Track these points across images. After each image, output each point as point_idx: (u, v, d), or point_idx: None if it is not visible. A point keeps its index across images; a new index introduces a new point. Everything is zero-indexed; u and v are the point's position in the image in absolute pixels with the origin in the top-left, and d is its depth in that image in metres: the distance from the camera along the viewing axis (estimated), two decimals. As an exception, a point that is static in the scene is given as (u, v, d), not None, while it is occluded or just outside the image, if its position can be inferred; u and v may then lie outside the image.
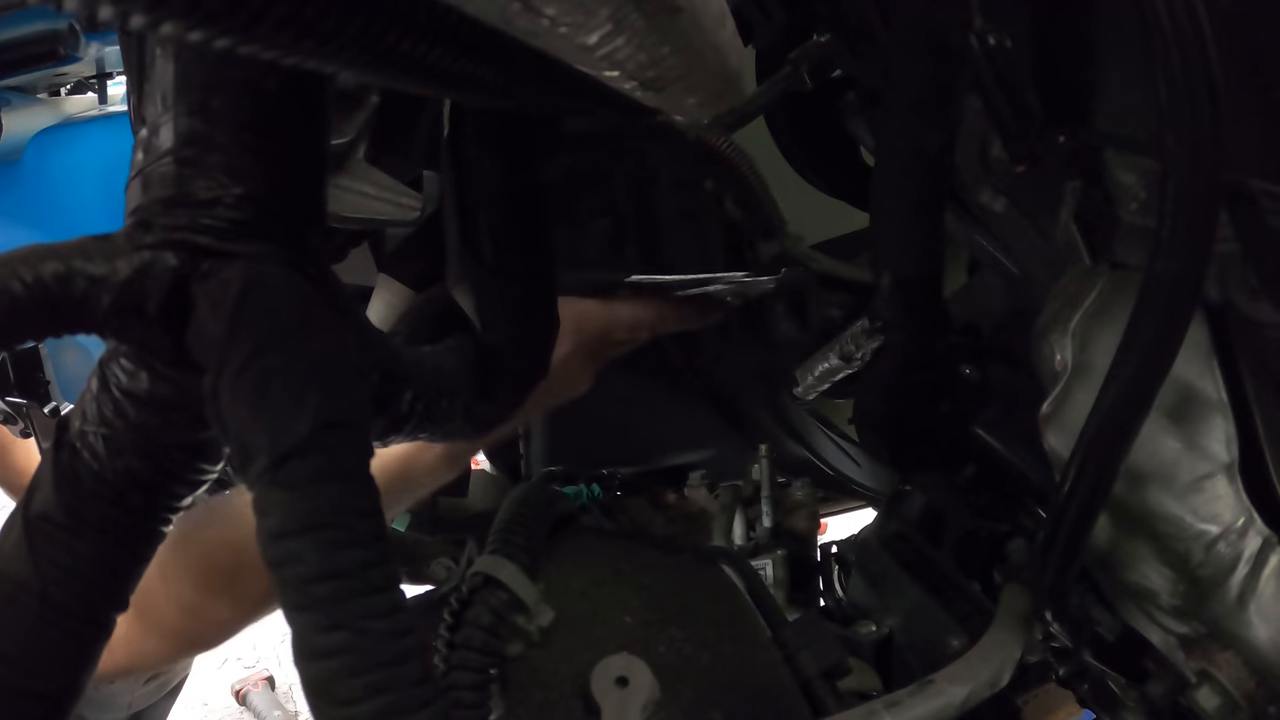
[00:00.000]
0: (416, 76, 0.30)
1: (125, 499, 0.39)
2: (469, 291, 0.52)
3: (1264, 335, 0.47)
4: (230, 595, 0.73)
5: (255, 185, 0.36)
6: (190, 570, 0.72)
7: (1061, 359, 0.53)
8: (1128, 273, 0.52)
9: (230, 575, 0.72)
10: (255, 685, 2.38)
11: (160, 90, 0.37)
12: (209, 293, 0.35)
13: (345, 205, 0.58)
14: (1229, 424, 0.47)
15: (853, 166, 0.83)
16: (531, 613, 0.42)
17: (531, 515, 0.48)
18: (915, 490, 0.69)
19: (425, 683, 0.33)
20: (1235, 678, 0.46)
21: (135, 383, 0.38)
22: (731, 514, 0.82)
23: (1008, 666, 0.49)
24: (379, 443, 0.45)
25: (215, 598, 0.73)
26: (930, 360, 0.65)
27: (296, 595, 0.32)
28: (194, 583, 0.72)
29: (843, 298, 0.79)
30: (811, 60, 0.64)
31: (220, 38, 0.23)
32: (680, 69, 0.33)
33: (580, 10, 0.25)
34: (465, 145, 0.50)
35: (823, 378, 0.70)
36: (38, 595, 0.38)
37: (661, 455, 1.02)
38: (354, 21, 0.25)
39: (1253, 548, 0.46)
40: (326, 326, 0.37)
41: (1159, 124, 0.39)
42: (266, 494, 0.33)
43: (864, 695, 0.53)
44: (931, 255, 0.61)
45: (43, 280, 0.35)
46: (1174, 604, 0.49)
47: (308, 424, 0.33)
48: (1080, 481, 0.45)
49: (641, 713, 0.40)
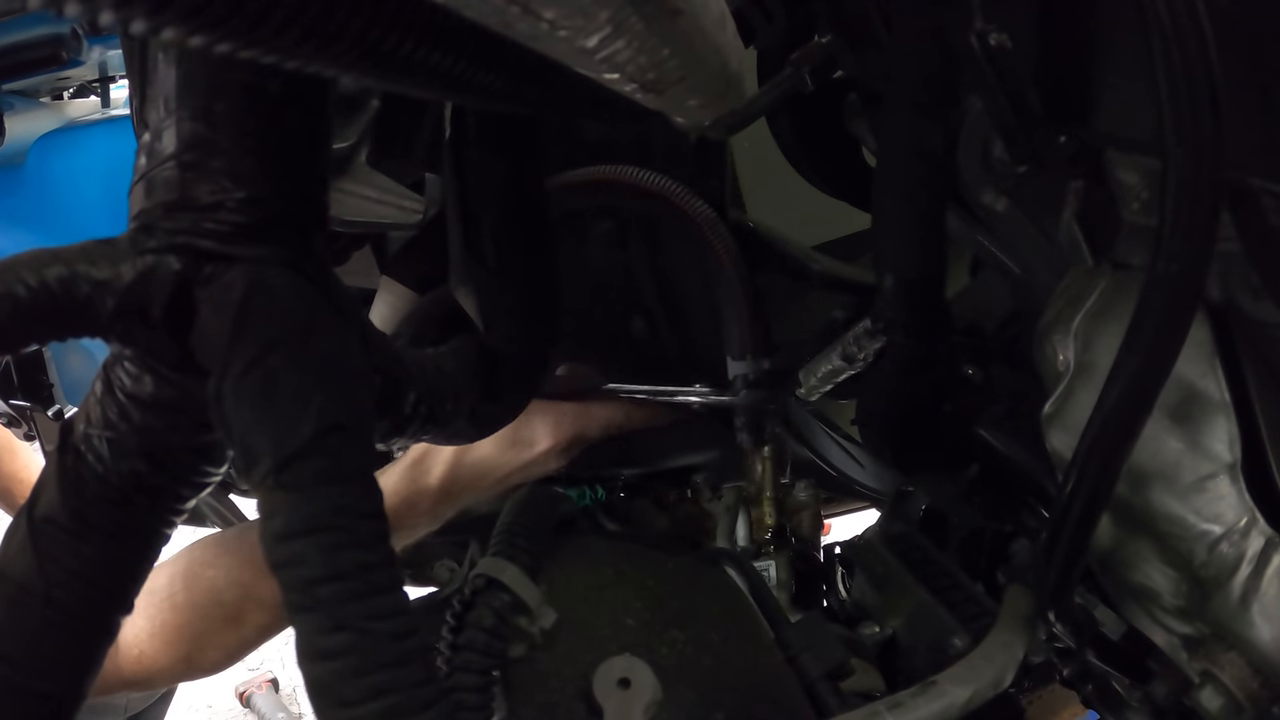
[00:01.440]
0: (417, 80, 0.30)
1: (130, 502, 0.39)
2: (471, 293, 0.52)
3: (1267, 335, 0.47)
4: (237, 625, 0.77)
5: (258, 189, 0.37)
6: (197, 606, 0.75)
7: (1064, 359, 0.53)
8: (1130, 272, 0.51)
9: (238, 608, 0.75)
10: (259, 687, 2.38)
11: (163, 95, 0.37)
12: (212, 296, 0.36)
13: (347, 209, 0.58)
14: (1231, 424, 0.47)
15: (855, 167, 0.83)
16: (534, 614, 0.42)
17: (534, 517, 0.48)
18: (918, 491, 0.69)
19: (428, 684, 0.33)
20: (1238, 678, 0.46)
21: (139, 386, 0.38)
22: (735, 515, 0.82)
23: (1011, 667, 0.49)
24: (383, 445, 0.46)
25: (221, 629, 0.76)
26: (933, 361, 0.65)
27: (300, 597, 0.32)
28: (202, 616, 0.75)
29: (846, 299, 0.79)
30: (813, 61, 0.64)
31: (222, 42, 0.23)
32: (681, 71, 0.33)
33: (580, 14, 0.25)
34: (467, 147, 0.50)
35: (826, 379, 0.70)
36: (42, 597, 0.38)
37: (664, 457, 1.02)
38: (354, 25, 0.26)
39: (1256, 548, 0.46)
40: (329, 329, 0.37)
41: (1159, 123, 0.39)
42: (270, 496, 0.33)
43: (868, 696, 0.53)
44: (934, 256, 0.61)
45: (47, 284, 0.35)
46: (1177, 604, 0.49)
47: (311, 427, 0.33)
48: (1082, 482, 0.44)
49: (644, 714, 0.40)
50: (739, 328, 0.75)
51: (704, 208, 0.75)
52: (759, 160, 0.87)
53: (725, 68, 0.37)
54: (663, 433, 0.99)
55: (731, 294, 0.75)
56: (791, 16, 0.69)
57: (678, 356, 0.91)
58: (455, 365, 0.49)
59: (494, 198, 0.50)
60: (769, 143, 0.84)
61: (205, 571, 0.76)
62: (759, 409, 0.76)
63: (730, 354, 0.77)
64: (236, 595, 0.75)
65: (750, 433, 0.77)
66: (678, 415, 0.86)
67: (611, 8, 0.25)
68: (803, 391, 0.71)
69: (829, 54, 0.62)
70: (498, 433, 0.54)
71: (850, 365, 0.66)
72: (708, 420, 0.90)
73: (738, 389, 0.76)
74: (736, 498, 0.83)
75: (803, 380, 0.71)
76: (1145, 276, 0.41)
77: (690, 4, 0.30)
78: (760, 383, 0.76)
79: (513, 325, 0.52)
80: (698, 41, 0.32)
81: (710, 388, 0.81)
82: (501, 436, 0.78)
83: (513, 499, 0.50)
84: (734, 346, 0.76)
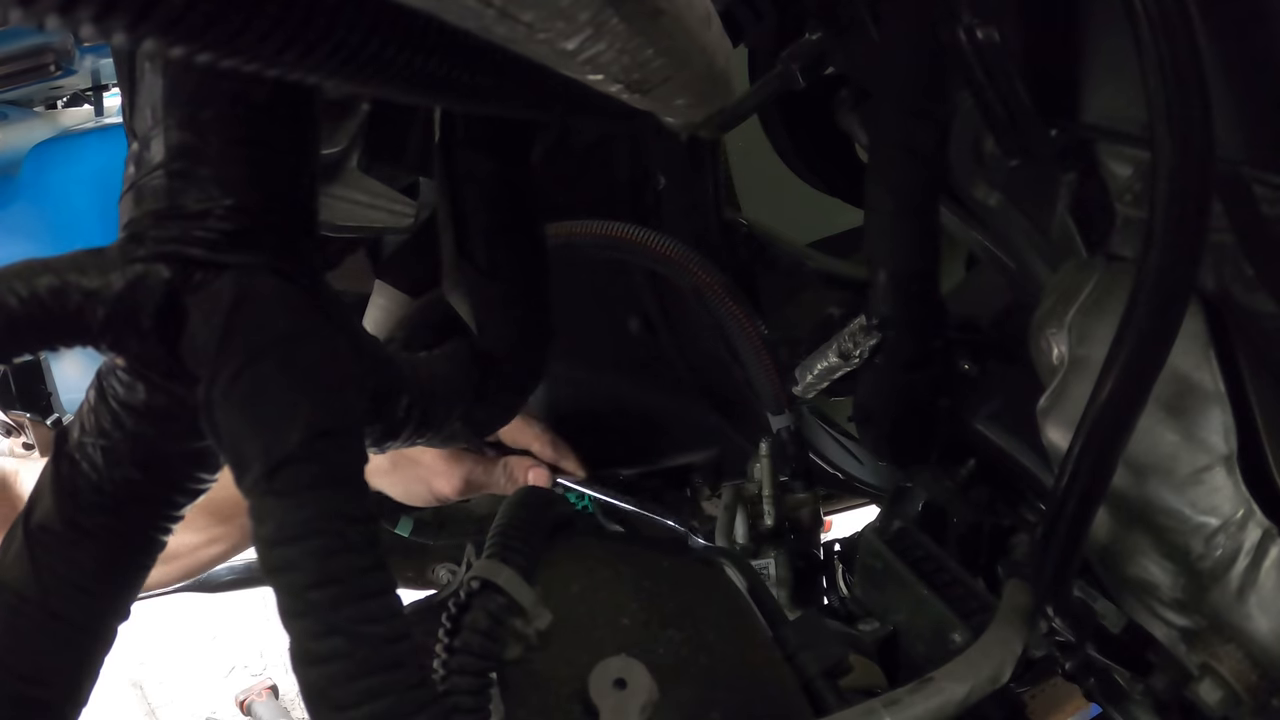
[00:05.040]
0: (401, 85, 0.30)
1: (124, 509, 0.39)
2: (464, 296, 0.52)
3: (1261, 326, 0.47)
4: (235, 523, 0.84)
5: (246, 196, 0.37)
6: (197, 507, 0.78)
7: (1059, 352, 0.53)
8: (1124, 265, 0.51)
9: (236, 505, 0.78)
10: (260, 695, 2.38)
11: (150, 104, 0.37)
12: (201, 304, 0.36)
13: (339, 214, 0.58)
14: (1227, 415, 0.47)
15: (847, 163, 0.83)
16: (529, 616, 0.42)
17: (529, 518, 0.48)
18: (916, 487, 0.69)
19: (422, 686, 0.33)
20: (1237, 670, 0.45)
21: (132, 394, 0.38)
22: (733, 513, 0.81)
23: (1009, 662, 0.49)
24: (376, 449, 0.46)
25: (219, 527, 0.79)
26: (928, 356, 0.65)
27: (292, 602, 0.32)
28: (205, 512, 0.79)
29: (842, 295, 0.79)
30: (803, 58, 0.64)
31: (203, 52, 0.23)
32: (666, 71, 0.33)
33: (558, 16, 0.25)
34: (456, 150, 0.50)
35: (822, 376, 0.70)
36: (39, 605, 0.39)
37: (662, 455, 1.02)
38: (335, 32, 0.26)
39: (1253, 539, 0.46)
40: (318, 335, 0.37)
41: (1149, 115, 0.38)
42: (261, 502, 0.33)
43: (869, 692, 0.52)
44: (927, 251, 0.61)
45: (38, 294, 0.35)
46: (1175, 597, 0.49)
47: (300, 432, 0.33)
48: (1078, 475, 0.44)
49: (640, 714, 0.40)
50: (770, 385, 0.79)
51: (720, 275, 0.78)
52: (753, 158, 0.87)
53: (712, 66, 0.37)
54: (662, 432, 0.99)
55: (757, 354, 0.79)
56: (781, 14, 0.69)
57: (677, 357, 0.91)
58: (448, 369, 0.49)
59: (485, 200, 0.50)
60: (762, 140, 0.84)
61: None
62: (800, 456, 0.80)
63: (769, 410, 0.81)
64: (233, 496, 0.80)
65: (803, 478, 0.81)
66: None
67: (591, 9, 0.25)
68: (799, 389, 0.71)
69: (819, 51, 0.62)
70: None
71: (846, 362, 0.66)
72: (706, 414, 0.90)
73: (782, 440, 0.80)
74: (735, 496, 0.83)
75: (799, 378, 0.71)
76: (1136, 269, 0.41)
77: (673, 3, 0.30)
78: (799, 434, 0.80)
79: (505, 328, 0.52)
80: (682, 41, 0.32)
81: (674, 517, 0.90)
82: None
83: (508, 500, 0.50)
84: (770, 403, 0.80)
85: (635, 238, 0.79)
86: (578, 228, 0.80)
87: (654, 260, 0.79)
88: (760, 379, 0.80)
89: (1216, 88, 0.38)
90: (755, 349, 0.79)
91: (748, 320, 0.78)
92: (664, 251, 0.78)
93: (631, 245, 0.79)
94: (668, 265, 0.79)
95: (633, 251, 0.79)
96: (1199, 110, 0.38)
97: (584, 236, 0.80)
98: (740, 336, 0.79)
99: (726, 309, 0.78)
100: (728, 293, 0.78)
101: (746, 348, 0.79)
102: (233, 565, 1.21)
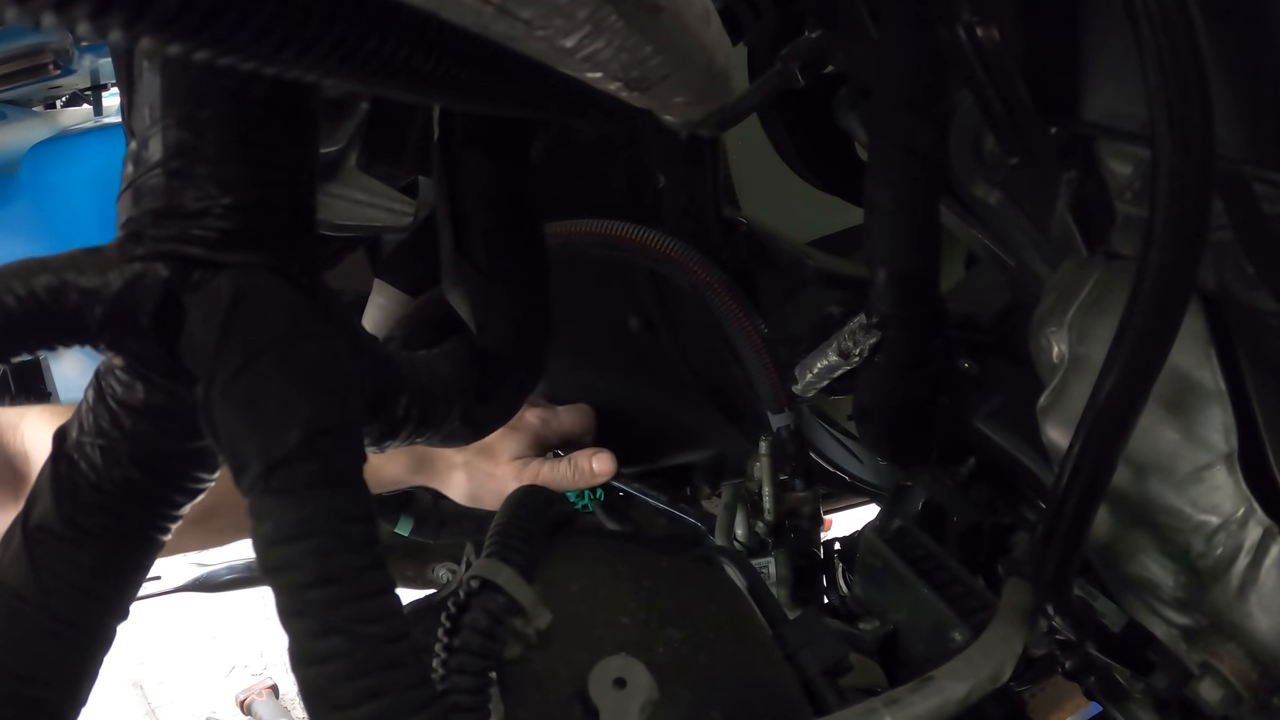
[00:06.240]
0: (399, 83, 0.30)
1: (123, 509, 0.39)
2: (463, 295, 0.52)
3: (1261, 323, 0.47)
4: (202, 528, 0.80)
5: (244, 195, 0.36)
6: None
7: (1059, 351, 0.53)
8: (1124, 263, 0.51)
9: (207, 510, 0.76)
10: (260, 695, 2.39)
11: (148, 102, 0.37)
12: (199, 303, 0.36)
13: (338, 213, 0.58)
14: (1227, 414, 0.47)
15: (847, 162, 0.83)
16: (529, 615, 0.42)
17: (528, 517, 0.48)
18: (916, 485, 0.69)
19: (422, 686, 0.33)
20: (1237, 669, 0.45)
21: (130, 393, 0.38)
22: (733, 512, 0.82)
23: (1009, 661, 0.49)
24: (376, 448, 0.45)
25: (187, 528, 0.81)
26: (928, 355, 0.65)
27: (291, 601, 0.32)
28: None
29: (841, 294, 0.79)
30: (803, 57, 0.64)
31: (199, 50, 0.23)
32: (665, 69, 0.33)
33: (557, 13, 0.25)
34: (455, 149, 0.50)
35: (821, 375, 0.70)
36: (38, 606, 0.38)
37: (662, 454, 1.02)
38: (333, 30, 0.26)
39: (1253, 538, 0.46)
40: (317, 334, 0.37)
41: (1149, 112, 0.38)
42: (260, 501, 0.33)
43: (869, 691, 0.52)
44: (927, 250, 0.61)
45: (35, 294, 0.35)
46: (1175, 596, 0.49)
47: (299, 431, 0.33)
48: (1078, 474, 0.44)
49: (640, 714, 0.40)
50: (771, 384, 0.79)
51: (719, 274, 0.78)
52: (752, 157, 0.87)
53: (711, 64, 0.37)
54: (662, 431, 0.99)
55: (757, 353, 0.79)
56: (781, 12, 0.69)
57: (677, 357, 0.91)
58: (448, 367, 0.49)
59: (484, 199, 0.50)
60: (762, 139, 0.84)
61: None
62: (800, 455, 0.80)
63: (769, 409, 0.81)
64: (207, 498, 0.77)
65: (803, 478, 0.81)
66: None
67: (590, 7, 0.25)
68: (799, 388, 0.71)
69: (818, 49, 0.62)
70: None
71: (846, 361, 0.66)
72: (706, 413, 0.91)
73: (782, 438, 0.80)
74: (735, 495, 0.83)
75: (799, 376, 0.71)
76: (1137, 267, 0.41)
77: (672, 1, 0.30)
78: (799, 431, 0.80)
79: (505, 326, 0.52)
80: (681, 38, 0.32)
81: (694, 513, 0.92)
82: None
83: (507, 499, 0.50)
84: (770, 402, 0.80)
85: (635, 237, 0.79)
86: (577, 227, 0.80)
87: (654, 259, 0.80)
88: (760, 378, 0.80)
89: (1217, 85, 0.38)
90: (755, 348, 0.79)
91: (747, 319, 0.79)
92: (664, 250, 0.78)
93: (631, 244, 0.79)
94: (667, 264, 0.79)
95: (632, 251, 0.80)
96: (1200, 108, 0.38)
97: (584, 236, 0.80)
98: (740, 335, 0.80)
99: (726, 308, 0.79)
100: (727, 291, 0.79)
101: (746, 346, 0.80)
102: (233, 565, 1.21)
